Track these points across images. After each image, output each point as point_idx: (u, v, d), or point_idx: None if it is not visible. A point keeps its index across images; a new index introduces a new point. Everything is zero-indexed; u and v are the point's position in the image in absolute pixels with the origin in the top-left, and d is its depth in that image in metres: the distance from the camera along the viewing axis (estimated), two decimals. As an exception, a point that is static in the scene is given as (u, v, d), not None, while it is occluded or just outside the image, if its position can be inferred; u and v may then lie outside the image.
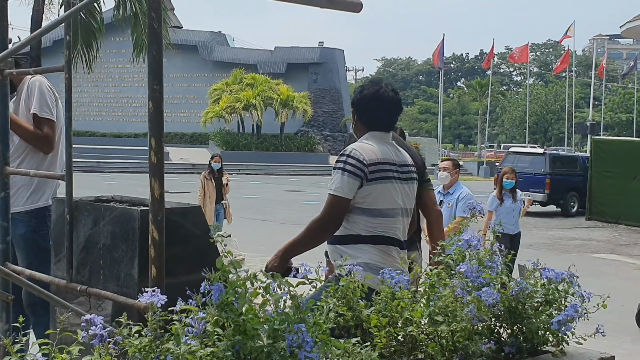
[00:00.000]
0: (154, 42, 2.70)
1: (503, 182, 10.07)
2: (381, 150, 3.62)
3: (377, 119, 3.71)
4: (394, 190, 3.59)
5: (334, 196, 3.51)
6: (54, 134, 4.25)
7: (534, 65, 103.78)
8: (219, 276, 2.14)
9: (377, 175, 3.51)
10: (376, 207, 3.53)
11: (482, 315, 2.30)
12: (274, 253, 3.81)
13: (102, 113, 58.43)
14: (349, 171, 3.47)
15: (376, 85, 3.77)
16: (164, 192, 2.74)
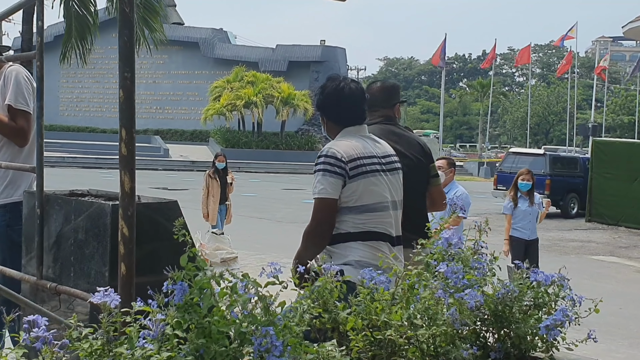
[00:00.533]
0: (125, 27, 2.56)
1: (518, 183, 9.48)
2: (359, 144, 3.52)
3: (344, 113, 3.62)
4: (379, 184, 3.50)
5: (320, 199, 3.41)
6: (29, 126, 4.08)
7: (536, 67, 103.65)
8: (182, 275, 2.01)
9: (359, 171, 3.42)
10: (362, 203, 3.44)
11: (465, 319, 2.16)
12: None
13: (103, 109, 58.28)
14: (330, 171, 3.38)
15: (335, 81, 3.67)
16: (135, 186, 2.61)
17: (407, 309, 2.17)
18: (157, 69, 56.50)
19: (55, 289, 2.97)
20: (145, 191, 14.78)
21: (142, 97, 56.96)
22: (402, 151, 4.10)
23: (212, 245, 9.18)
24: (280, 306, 2.04)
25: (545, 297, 2.57)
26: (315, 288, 2.33)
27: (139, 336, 1.77)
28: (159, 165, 39.94)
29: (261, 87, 43.97)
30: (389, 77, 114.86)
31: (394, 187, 3.60)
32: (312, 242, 3.49)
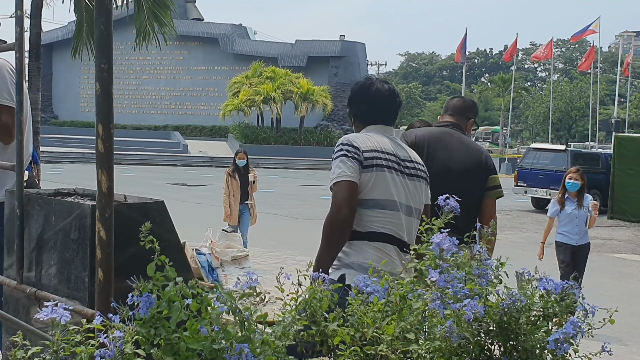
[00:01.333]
0: (101, 15, 2.38)
1: (566, 183, 8.64)
2: (378, 139, 3.45)
3: (372, 112, 3.58)
4: (392, 181, 3.39)
5: (340, 182, 3.28)
6: (13, 121, 3.88)
7: (558, 62, 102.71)
8: (150, 286, 1.83)
9: (372, 162, 3.33)
10: (372, 197, 3.33)
11: (463, 332, 1.96)
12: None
13: (123, 105, 58.41)
14: (347, 156, 3.31)
15: (367, 80, 3.69)
16: (113, 185, 2.43)
17: (399, 322, 1.97)
18: (177, 65, 56.57)
19: (35, 295, 2.80)
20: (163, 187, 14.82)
21: (161, 93, 57.08)
22: (448, 157, 4.23)
23: (222, 243, 8.97)
24: (261, 319, 1.85)
25: (555, 307, 2.37)
26: (303, 297, 2.15)
27: (93, 356, 1.59)
28: (177, 161, 39.97)
29: (280, 83, 43.83)
30: (409, 72, 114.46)
31: (411, 193, 3.47)
32: (334, 232, 3.30)
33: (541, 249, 8.79)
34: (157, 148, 43.73)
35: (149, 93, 57.50)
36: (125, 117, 57.57)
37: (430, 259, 2.03)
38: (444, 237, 2.05)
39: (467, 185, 4.51)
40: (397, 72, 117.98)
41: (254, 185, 11.59)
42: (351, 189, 3.27)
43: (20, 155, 2.87)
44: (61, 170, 30.36)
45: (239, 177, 11.39)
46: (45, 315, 1.61)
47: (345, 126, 53.16)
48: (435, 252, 2.01)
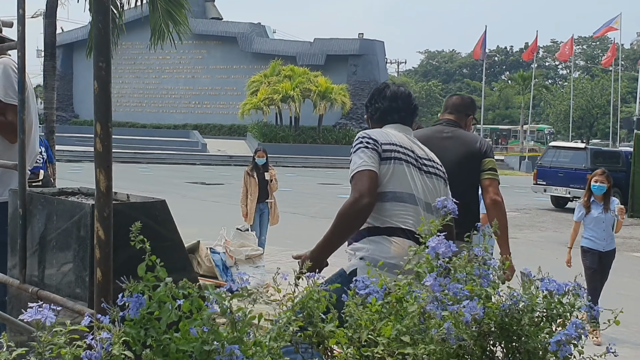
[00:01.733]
0: (100, 13, 2.37)
1: (591, 186, 8.23)
2: (397, 135, 3.49)
3: (389, 111, 3.63)
4: (410, 175, 3.39)
5: (360, 171, 3.27)
6: (16, 120, 3.87)
7: (579, 59, 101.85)
8: (141, 286, 1.81)
9: (390, 155, 3.35)
10: (390, 189, 3.32)
11: (461, 334, 1.93)
12: (304, 253, 3.50)
13: (143, 104, 58.69)
14: (367, 147, 3.33)
15: (382, 85, 3.79)
16: (112, 185, 2.41)
17: (396, 324, 1.94)
18: (196, 64, 56.73)
19: (37, 294, 2.80)
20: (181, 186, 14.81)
21: (181, 92, 57.26)
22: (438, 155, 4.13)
23: (236, 242, 9.00)
24: (251, 320, 1.83)
25: (559, 308, 2.32)
26: (299, 298, 2.12)
27: (80, 358, 1.57)
28: (196, 159, 40.09)
29: (298, 81, 43.78)
30: (429, 70, 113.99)
31: (430, 190, 3.46)
32: (350, 219, 3.26)
33: (569, 255, 8.31)
34: (176, 147, 43.88)
35: (169, 92, 57.72)
36: (145, 116, 57.83)
37: (426, 262, 2.00)
38: (440, 241, 2.01)
39: (462, 179, 4.55)
40: (416, 70, 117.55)
41: (272, 183, 11.30)
42: (372, 178, 3.25)
43: (22, 154, 2.86)
44: (80, 169, 30.54)
45: (257, 176, 11.17)
46: (29, 316, 1.59)
47: (364, 124, 53.03)
48: (431, 255, 1.98)
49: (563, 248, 14.83)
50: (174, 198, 21.04)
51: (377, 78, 53.69)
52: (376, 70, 53.71)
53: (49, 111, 9.14)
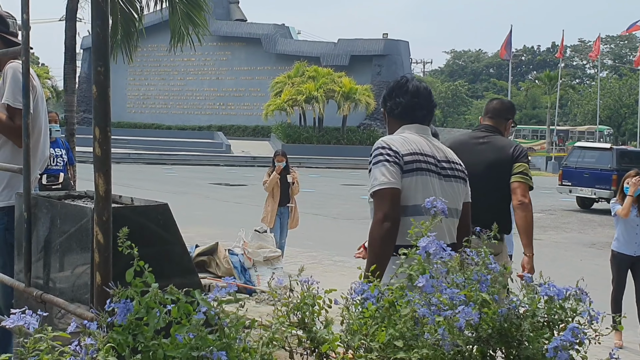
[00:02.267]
0: (98, 17, 2.38)
1: (624, 188, 7.84)
2: (416, 141, 3.40)
3: (409, 108, 3.52)
4: (432, 185, 3.34)
5: (382, 190, 3.21)
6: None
7: (607, 58, 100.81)
8: (130, 292, 1.81)
9: (412, 167, 3.29)
10: (413, 203, 3.25)
11: (456, 340, 1.90)
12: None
13: (168, 106, 59.05)
14: (387, 160, 3.25)
15: (403, 79, 3.64)
16: (111, 189, 2.42)
17: (389, 328, 1.92)
18: (221, 66, 56.98)
19: (41, 298, 2.81)
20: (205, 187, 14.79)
21: (205, 93, 57.52)
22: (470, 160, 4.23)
23: (255, 243, 9.02)
24: (237, 326, 1.82)
25: (561, 313, 2.29)
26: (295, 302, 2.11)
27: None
28: (220, 160, 40.24)
29: (322, 82, 43.77)
30: (455, 70, 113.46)
31: (449, 195, 3.38)
32: (381, 243, 3.21)
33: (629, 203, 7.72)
34: (200, 148, 44.10)
35: (193, 94, 58.03)
36: (171, 117, 58.20)
37: (418, 264, 1.97)
38: (430, 241, 1.98)
39: (493, 184, 4.75)
40: (442, 69, 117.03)
41: (294, 187, 11.07)
42: (394, 196, 3.22)
43: (27, 158, 2.88)
44: (106, 171, 30.73)
45: (279, 179, 10.92)
46: (11, 322, 1.59)
47: (389, 125, 52.86)
48: (423, 256, 1.95)
49: (587, 249, 14.70)
50: (196, 199, 21.15)
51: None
52: (401, 71, 53.52)
53: (68, 114, 9.22)
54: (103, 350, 1.60)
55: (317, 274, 11.16)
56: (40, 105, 4.10)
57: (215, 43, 55.89)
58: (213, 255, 8.85)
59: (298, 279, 2.18)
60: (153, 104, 59.80)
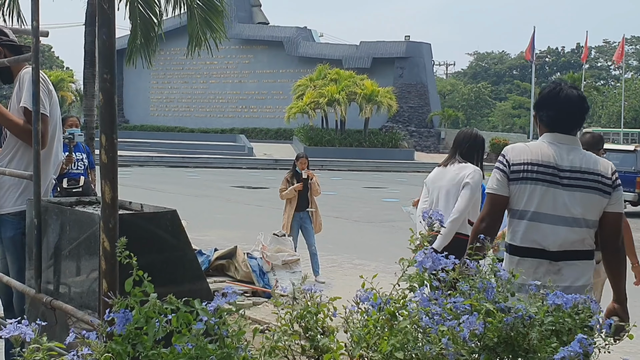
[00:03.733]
0: (104, 25, 2.38)
1: None
2: (540, 152, 3.56)
3: (553, 118, 3.64)
4: (545, 194, 3.51)
5: (488, 194, 3.63)
6: (46, 129, 3.92)
7: (632, 59, 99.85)
8: (131, 302, 1.80)
9: (520, 175, 3.53)
10: (519, 207, 3.54)
11: (460, 350, 1.88)
12: None
13: (191, 109, 59.35)
14: (499, 168, 3.59)
15: (554, 84, 3.75)
16: (117, 196, 2.42)
17: (391, 338, 1.90)
18: (243, 69, 57.18)
19: (50, 304, 2.82)
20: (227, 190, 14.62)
21: (228, 96, 57.75)
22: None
23: (273, 247, 9.01)
24: (237, 335, 1.81)
25: (568, 322, 2.26)
26: (297, 312, 2.10)
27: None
28: (243, 163, 40.33)
29: (344, 85, 43.76)
30: (479, 72, 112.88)
31: (566, 203, 3.50)
32: (475, 231, 3.56)
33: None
34: (223, 151, 44.22)
35: (216, 97, 58.27)
36: (194, 120, 58.49)
37: (416, 276, 1.95)
38: (427, 255, 1.96)
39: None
40: (465, 71, 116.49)
41: (313, 186, 10.61)
42: (493, 202, 3.59)
43: (37, 165, 2.89)
44: (130, 174, 30.95)
45: (297, 183, 10.55)
46: (7, 333, 1.59)
47: (411, 127, 52.79)
48: (420, 270, 1.93)
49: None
50: (218, 202, 21.20)
51: (424, 80, 53.43)
52: (423, 73, 53.45)
53: (88, 118, 9.27)
54: (103, 359, 1.60)
55: (336, 278, 11.14)
56: (55, 110, 4.12)
57: (237, 46, 56.10)
58: (232, 259, 8.84)
59: (301, 287, 2.16)
60: (176, 107, 60.13)
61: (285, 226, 10.53)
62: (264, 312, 7.80)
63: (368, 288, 2.03)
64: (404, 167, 41.97)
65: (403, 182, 32.57)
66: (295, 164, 10.77)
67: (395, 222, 17.33)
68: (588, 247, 3.55)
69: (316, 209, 10.79)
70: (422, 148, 51.16)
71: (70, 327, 2.90)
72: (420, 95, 53.22)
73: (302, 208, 10.56)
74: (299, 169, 10.66)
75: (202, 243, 11.76)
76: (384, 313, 1.93)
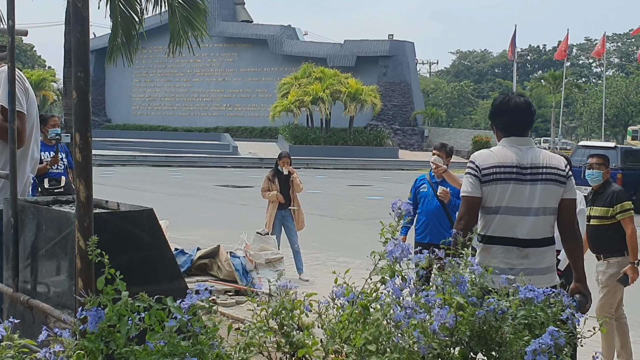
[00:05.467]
0: (77, 23, 2.38)
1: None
2: (503, 154, 4.02)
3: (507, 124, 4.12)
4: (512, 190, 3.94)
5: (464, 197, 4.01)
6: (23, 127, 3.88)
7: (614, 56, 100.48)
8: (104, 300, 1.81)
9: (490, 178, 3.94)
10: (490, 204, 3.95)
11: (431, 343, 1.90)
12: None
13: (174, 108, 59.16)
14: (469, 173, 4.00)
15: (503, 95, 4.26)
16: (92, 195, 2.42)
17: (363, 332, 1.91)
18: (227, 67, 57.06)
19: (27, 303, 2.82)
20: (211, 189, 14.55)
21: (212, 95, 57.61)
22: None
23: (256, 246, 9.00)
24: (214, 332, 1.82)
25: (541, 316, 2.28)
26: (271, 308, 2.10)
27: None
28: (227, 162, 40.24)
29: (329, 83, 43.79)
30: (461, 70, 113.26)
31: (533, 196, 3.96)
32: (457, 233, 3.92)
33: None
34: (207, 150, 44.12)
35: (200, 95, 58.13)
36: (177, 119, 58.30)
37: (387, 268, 1.97)
38: (396, 245, 1.98)
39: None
40: (448, 70, 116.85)
41: (294, 182, 10.61)
42: (469, 204, 3.97)
43: (13, 164, 2.88)
44: (112, 173, 30.82)
45: (279, 182, 10.59)
46: (-24, 331, 1.60)
47: (395, 125, 52.92)
48: (390, 260, 1.95)
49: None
50: (202, 201, 21.14)
51: (407, 79, 53.55)
52: (406, 71, 53.57)
53: (69, 117, 9.18)
54: (73, 358, 1.60)
55: (320, 276, 11.14)
56: (32, 108, 4.09)
57: (221, 44, 55.98)
58: (214, 258, 8.83)
59: (277, 283, 2.17)
60: (159, 106, 59.92)
61: (268, 224, 10.53)
62: (248, 311, 7.82)
63: (340, 283, 2.05)
64: (388, 165, 42.08)
65: (388, 179, 32.63)
66: (278, 163, 10.75)
67: (383, 220, 17.37)
68: (549, 234, 4.04)
69: (298, 206, 10.78)
70: (406, 146, 51.30)
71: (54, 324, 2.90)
72: (404, 94, 53.34)
73: (284, 206, 10.58)
74: (280, 167, 10.65)
75: (185, 242, 11.73)
76: (356, 307, 1.94)
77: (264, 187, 10.66)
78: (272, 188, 10.57)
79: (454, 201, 7.64)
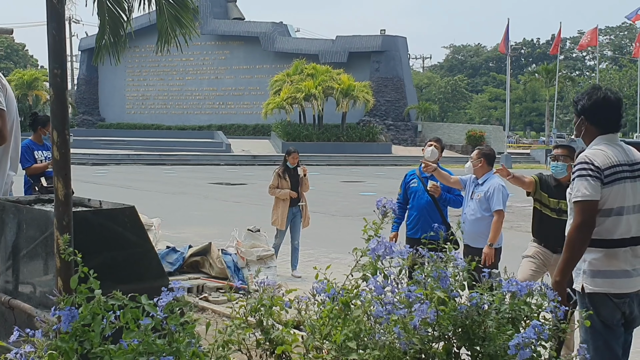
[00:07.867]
0: (53, 20, 2.35)
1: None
2: (613, 153, 3.91)
3: (607, 121, 4.03)
4: (628, 189, 3.87)
5: (582, 201, 3.80)
6: (4, 124, 3.83)
7: (607, 49, 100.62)
8: (79, 299, 1.78)
9: (612, 178, 3.83)
10: (608, 207, 3.83)
11: (412, 339, 1.88)
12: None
13: (167, 106, 59.04)
14: (591, 176, 3.81)
15: (600, 91, 4.11)
16: (70, 193, 2.39)
17: (344, 328, 1.89)
18: (219, 65, 56.96)
19: (8, 303, 2.79)
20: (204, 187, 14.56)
21: (205, 93, 57.51)
22: None
23: (248, 242, 8.98)
24: (191, 330, 1.79)
25: (525, 309, 2.26)
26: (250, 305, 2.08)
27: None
28: (221, 160, 40.22)
29: (321, 80, 43.74)
30: (455, 64, 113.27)
31: (638, 192, 3.91)
32: (576, 242, 3.80)
33: None
34: (200, 148, 44.09)
35: (193, 94, 58.01)
36: (170, 118, 58.19)
37: (369, 265, 1.95)
38: (379, 242, 1.96)
39: None
40: (442, 64, 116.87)
41: (304, 182, 10.61)
42: (594, 208, 3.80)
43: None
44: (106, 172, 30.77)
45: (289, 178, 10.49)
46: (-55, 331, 1.57)
47: (388, 121, 52.86)
48: (373, 258, 1.93)
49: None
50: (195, 199, 21.11)
51: (400, 74, 53.49)
52: (399, 67, 53.53)
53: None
54: (45, 358, 1.58)
55: (312, 272, 11.09)
56: (11, 105, 4.03)
57: (213, 42, 55.87)
58: (206, 255, 8.81)
59: (256, 280, 2.15)
60: (152, 105, 59.79)
61: (279, 222, 10.52)
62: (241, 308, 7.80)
63: (321, 279, 2.03)
64: (381, 160, 42.08)
65: (381, 175, 32.63)
66: (287, 159, 10.69)
67: (373, 216, 17.37)
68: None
69: (305, 203, 10.82)
70: (399, 142, 51.25)
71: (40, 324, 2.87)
72: (396, 89, 53.27)
73: (295, 203, 10.58)
74: (290, 164, 10.60)
75: (178, 240, 11.70)
76: (337, 303, 1.92)
77: (272, 184, 10.60)
78: (282, 184, 10.49)
79: (444, 195, 7.64)
